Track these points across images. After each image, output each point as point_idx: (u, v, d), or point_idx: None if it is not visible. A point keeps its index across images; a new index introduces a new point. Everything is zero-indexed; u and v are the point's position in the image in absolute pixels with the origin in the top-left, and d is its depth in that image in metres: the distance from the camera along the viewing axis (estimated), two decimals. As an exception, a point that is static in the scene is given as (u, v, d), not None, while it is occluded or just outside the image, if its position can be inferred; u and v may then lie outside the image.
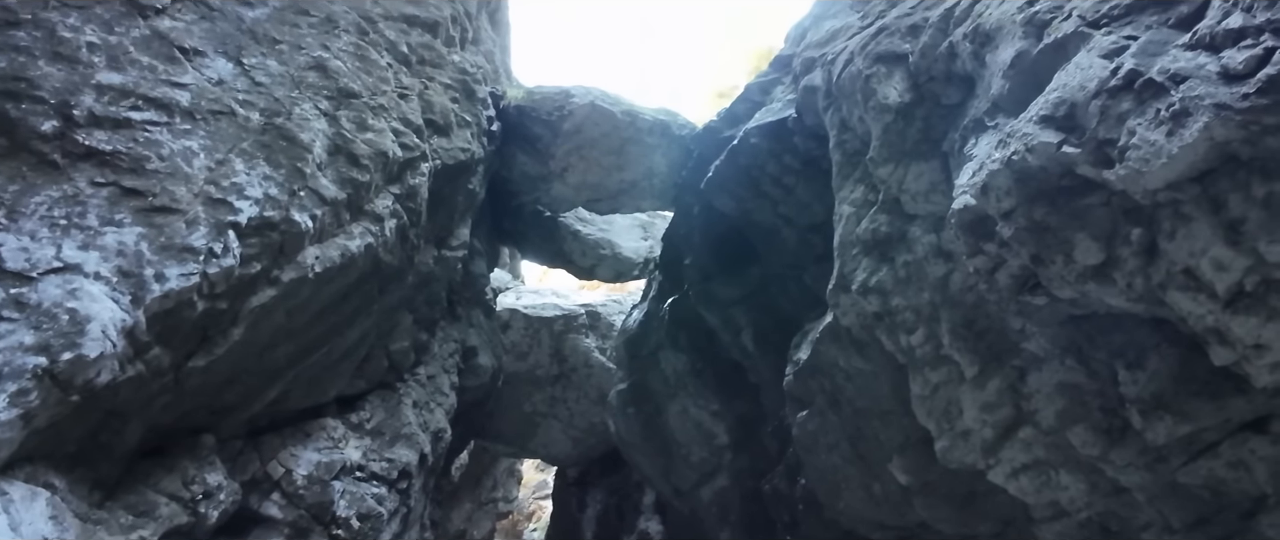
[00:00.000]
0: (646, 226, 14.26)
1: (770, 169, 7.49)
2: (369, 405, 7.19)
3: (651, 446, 11.18)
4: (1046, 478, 4.62)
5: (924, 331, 4.62)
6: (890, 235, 4.88)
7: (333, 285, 5.64)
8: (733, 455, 9.62)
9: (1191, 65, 2.93)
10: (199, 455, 5.48)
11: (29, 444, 4.08)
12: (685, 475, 10.44)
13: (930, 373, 4.68)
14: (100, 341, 4.06)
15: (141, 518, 5.00)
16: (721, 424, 9.76)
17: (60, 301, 4.02)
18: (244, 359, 5.30)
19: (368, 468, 6.68)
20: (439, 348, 8.59)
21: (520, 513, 31.93)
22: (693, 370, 10.00)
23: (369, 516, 6.43)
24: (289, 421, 6.42)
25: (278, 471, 6.07)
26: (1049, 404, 4.33)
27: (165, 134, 4.81)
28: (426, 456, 7.60)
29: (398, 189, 6.39)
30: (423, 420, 7.70)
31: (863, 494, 5.82)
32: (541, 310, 14.49)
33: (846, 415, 5.69)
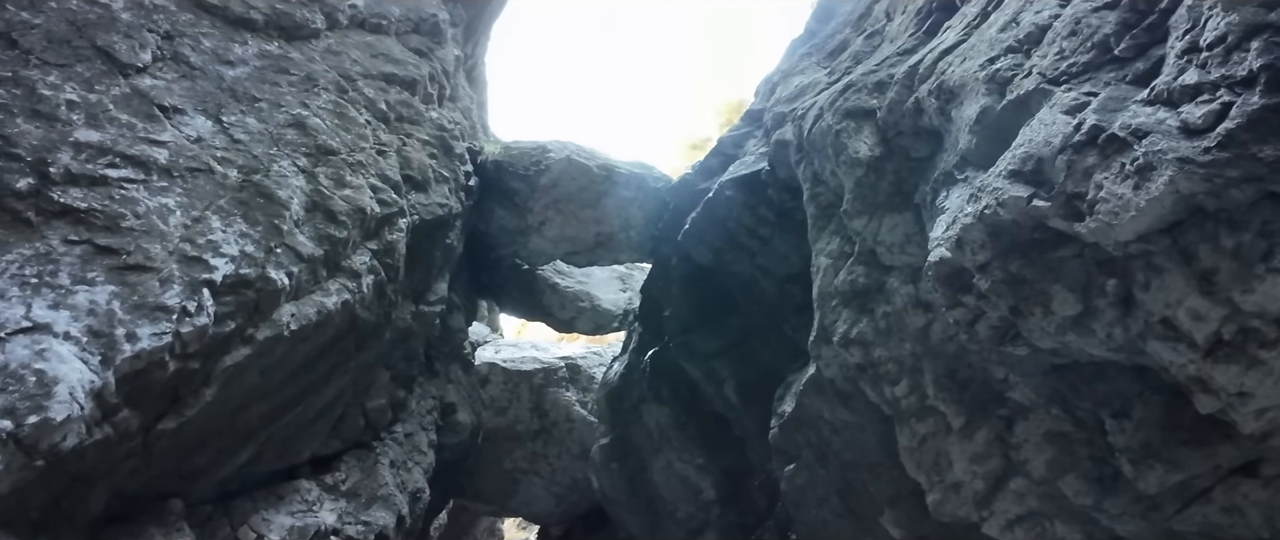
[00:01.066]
0: (625, 278, 14.30)
1: (746, 221, 7.61)
2: (344, 466, 7.01)
3: (636, 503, 10.99)
4: (1042, 529, 4.59)
5: (908, 382, 4.65)
6: (868, 287, 4.95)
7: (308, 343, 5.57)
8: (720, 510, 9.49)
9: (1152, 120, 3.05)
10: (166, 521, 5.29)
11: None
12: (672, 532, 10.25)
13: (917, 424, 4.69)
14: (67, 404, 3.95)
15: (103, 590, 4.80)
16: (707, 478, 9.65)
17: (27, 362, 3.92)
18: (216, 420, 5.18)
19: (343, 532, 6.48)
20: (417, 404, 8.45)
21: (500, 576, 30.99)
22: (676, 423, 9.92)
23: (343, 584, 6.23)
24: (261, 484, 6.23)
25: (249, 537, 5.87)
26: (1038, 453, 4.34)
27: (142, 191, 4.79)
28: (404, 518, 7.39)
29: (375, 245, 6.37)
30: (400, 480, 7.52)
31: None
32: (521, 363, 14.35)
33: (834, 468, 5.66)
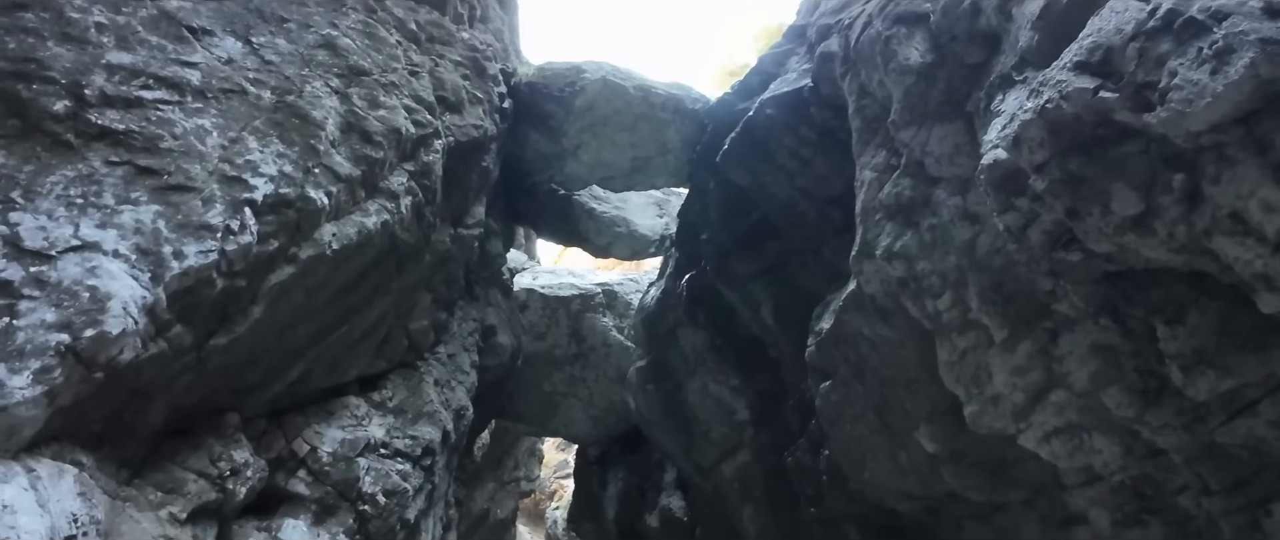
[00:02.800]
0: (662, 203, 14.14)
1: (786, 141, 7.36)
2: (391, 384, 7.18)
3: (672, 424, 11.15)
4: (1079, 441, 4.50)
5: (950, 296, 4.50)
6: (914, 199, 4.75)
7: (351, 263, 5.60)
8: (754, 431, 9.56)
9: (1233, 1, 2.79)
10: (224, 434, 5.48)
11: (54, 423, 4.08)
12: (706, 452, 10.40)
13: (958, 338, 4.56)
14: (122, 318, 4.04)
15: (170, 494, 5.02)
16: (742, 399, 9.69)
17: (80, 279, 4.00)
18: (264, 338, 5.29)
19: (392, 445, 6.67)
20: (458, 327, 8.56)
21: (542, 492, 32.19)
22: (712, 347, 9.93)
23: (395, 493, 6.43)
24: (312, 401, 6.41)
25: (303, 449, 6.07)
26: (1082, 366, 4.20)
27: (177, 113, 4.77)
28: (449, 434, 7.59)
29: (412, 166, 6.32)
30: (444, 398, 7.69)
31: (889, 464, 5.72)
32: (558, 290, 14.45)
33: (871, 385, 5.59)
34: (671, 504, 13.20)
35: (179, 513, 5.02)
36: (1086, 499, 4.81)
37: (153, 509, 4.92)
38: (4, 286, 3.86)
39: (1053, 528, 5.11)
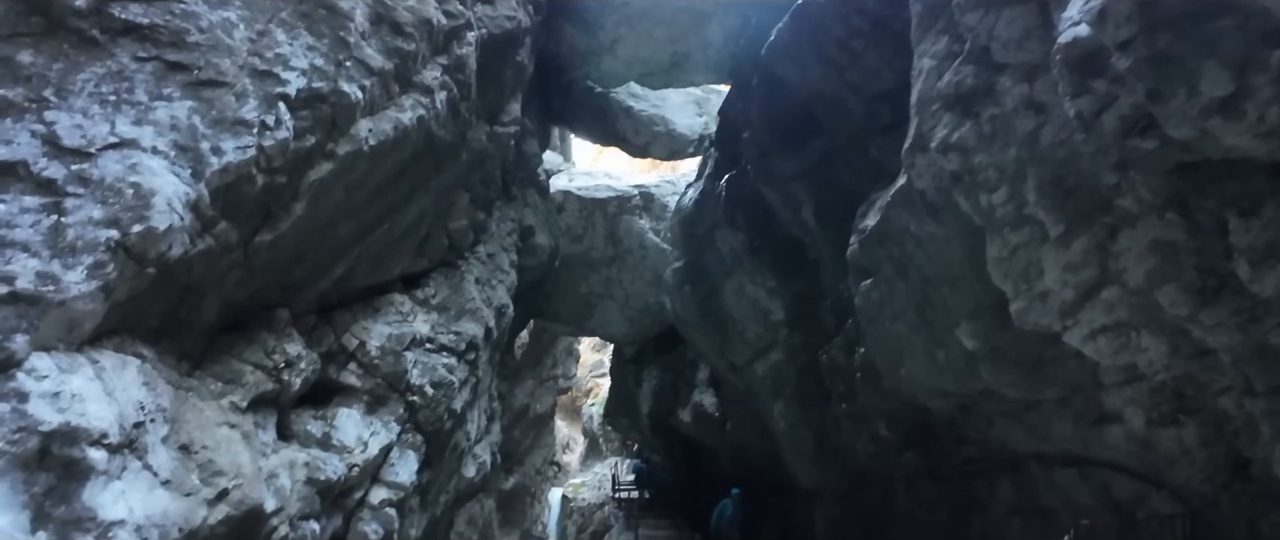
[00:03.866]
0: (701, 102, 13.68)
1: (837, 32, 6.91)
2: (433, 282, 7.24)
3: (707, 324, 11.21)
4: (1126, 340, 4.34)
5: (1007, 190, 4.26)
6: (975, 88, 4.43)
7: (388, 160, 5.52)
8: (789, 331, 9.54)
9: None
10: (276, 328, 5.61)
11: (112, 317, 4.18)
12: (740, 351, 10.47)
13: (1010, 234, 4.35)
14: (168, 214, 4.04)
15: (230, 385, 5.20)
16: (778, 301, 9.62)
17: (122, 176, 3.98)
18: (308, 236, 5.30)
19: (437, 340, 6.80)
20: (496, 227, 8.54)
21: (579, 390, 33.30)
22: (749, 248, 9.80)
23: (441, 384, 6.60)
24: (358, 298, 6.51)
25: (352, 343, 6.22)
26: (1139, 263, 3.99)
27: (201, 5, 4.58)
28: (491, 330, 7.70)
29: (445, 60, 6.10)
30: (485, 296, 7.76)
31: (925, 362, 5.65)
32: (595, 192, 14.32)
33: (913, 283, 5.44)
34: (704, 401, 13.50)
35: (239, 401, 5.21)
36: (1123, 399, 4.70)
37: (214, 398, 5.11)
38: (48, 185, 3.86)
39: (1085, 426, 5.04)
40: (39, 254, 3.78)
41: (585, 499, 22.10)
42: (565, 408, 32.02)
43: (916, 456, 7.57)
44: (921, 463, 7.57)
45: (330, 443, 5.72)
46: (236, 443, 4.83)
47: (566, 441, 33.36)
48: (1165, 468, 4.63)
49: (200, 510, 4.33)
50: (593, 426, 32.44)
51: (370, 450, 5.89)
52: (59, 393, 3.80)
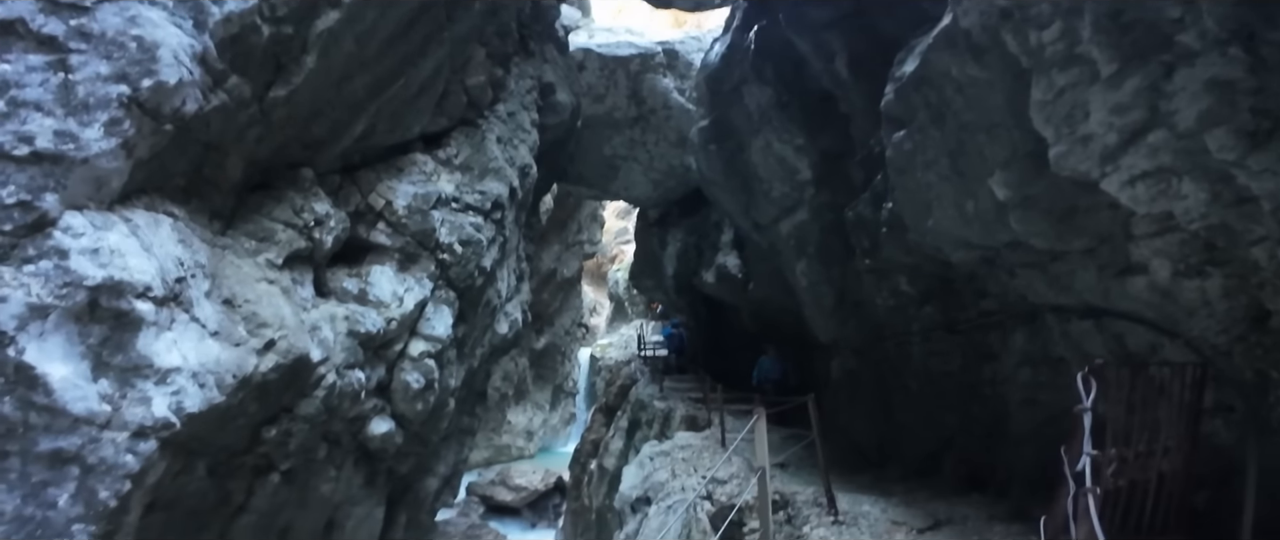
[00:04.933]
0: (726, -53, 12.73)
1: None
2: (454, 141, 7.13)
3: (733, 183, 11.02)
4: (1166, 186, 4.16)
5: (1060, 26, 3.92)
6: (1028, -86, 3.98)
7: (397, 8, 5.25)
8: (815, 190, 9.35)
9: None
10: (302, 186, 5.61)
11: (138, 176, 4.17)
12: (765, 210, 10.34)
13: (1058, 74, 4.05)
14: (175, 67, 3.91)
15: (263, 243, 5.27)
16: (805, 159, 9.36)
17: (123, 29, 3.82)
18: (323, 90, 5.16)
19: (462, 199, 6.78)
20: (515, 84, 8.27)
21: (604, 256, 33.78)
22: (778, 103, 9.41)
23: (469, 242, 6.65)
24: (380, 158, 6.45)
25: (379, 203, 6.22)
26: (1192, 103, 3.73)
27: None
28: (515, 190, 7.66)
29: (451, -103, 5.65)
30: (508, 155, 7.65)
31: (954, 212, 5.51)
32: (617, 49, 13.71)
33: (949, 130, 5.20)
34: (727, 262, 13.58)
35: (274, 259, 5.30)
36: (1152, 249, 4.58)
37: (250, 256, 5.20)
38: (50, 42, 3.72)
39: (1109, 277, 4.96)
40: (53, 113, 3.72)
41: (612, 358, 23.00)
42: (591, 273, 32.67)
43: (934, 310, 7.61)
44: (939, 316, 7.62)
45: (367, 298, 5.86)
46: (277, 297, 4.97)
47: (593, 306, 34.33)
48: (1183, 319, 4.59)
49: (251, 358, 4.53)
50: (618, 291, 33.23)
51: (406, 305, 6.04)
52: (98, 249, 3.87)
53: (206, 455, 4.53)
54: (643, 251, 19.11)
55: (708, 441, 8.62)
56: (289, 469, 5.35)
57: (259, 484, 5.21)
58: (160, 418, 3.93)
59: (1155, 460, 3.63)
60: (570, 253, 25.85)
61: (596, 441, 13.79)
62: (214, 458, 4.63)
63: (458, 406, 8.01)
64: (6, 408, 3.62)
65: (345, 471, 6.25)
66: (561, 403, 26.59)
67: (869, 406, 9.07)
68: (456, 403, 7.73)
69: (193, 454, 4.37)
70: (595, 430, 14.48)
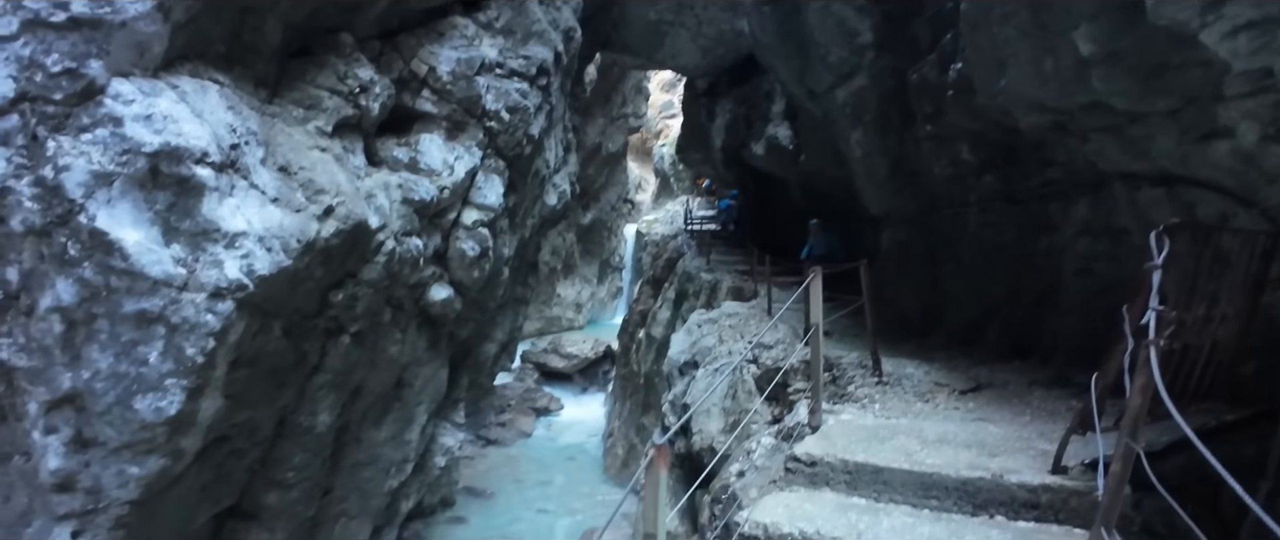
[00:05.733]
0: None
1: None
2: (495, 4, 6.82)
3: (787, 47, 10.43)
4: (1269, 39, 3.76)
5: None
6: None
7: None
8: (875, 53, 8.79)
9: None
10: (343, 52, 5.49)
11: (178, 41, 4.11)
12: (821, 77, 9.82)
13: (1164, -95, 3.59)
14: (206, -78, 3.75)
15: (311, 110, 5.25)
16: (866, 20, 8.74)
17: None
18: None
19: (506, 65, 6.58)
20: (556, -60, 7.77)
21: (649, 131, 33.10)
22: (837, -41, 8.69)
23: (516, 109, 6.52)
24: (418, 22, 6.23)
25: (422, 69, 6.09)
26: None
27: None
28: (560, 55, 7.39)
29: None
30: (551, 18, 7.32)
31: (1030, 71, 5.12)
32: (662, -98, 12.70)
33: (1031, -23, 4.75)
34: (778, 133, 13.12)
35: (324, 126, 5.29)
36: (1242, 111, 4.22)
37: (299, 124, 5.19)
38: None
39: (1190, 141, 4.62)
40: (83, -26, 3.64)
41: (658, 233, 23.09)
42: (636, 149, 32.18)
43: (995, 179, 7.31)
44: (999, 185, 7.33)
45: (418, 166, 5.87)
46: (330, 164, 5.00)
47: (638, 181, 34.10)
48: (1262, 186, 4.30)
49: (312, 224, 4.63)
50: (664, 166, 32.81)
51: (456, 173, 6.03)
52: (150, 115, 3.89)
53: (281, 317, 4.75)
54: (690, 123, 18.63)
55: (754, 310, 8.71)
56: (358, 332, 5.60)
57: (331, 345, 5.48)
58: (233, 280, 4.09)
59: (1212, 326, 3.50)
60: (615, 127, 25.42)
61: (644, 312, 14.11)
62: (288, 320, 4.86)
63: (511, 276, 8.20)
64: (88, 273, 3.81)
65: (410, 335, 6.53)
66: (608, 277, 27.13)
67: (916, 278, 8.98)
68: (510, 272, 7.90)
69: (268, 315, 4.57)
70: (643, 301, 14.78)
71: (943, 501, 3.07)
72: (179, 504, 4.57)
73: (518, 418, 15.39)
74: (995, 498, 2.99)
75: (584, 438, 14.71)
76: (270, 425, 5.25)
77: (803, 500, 3.07)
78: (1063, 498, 2.94)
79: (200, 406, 4.20)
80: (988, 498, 3.00)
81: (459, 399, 8.84)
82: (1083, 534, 2.72)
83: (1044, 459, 3.19)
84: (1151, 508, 2.86)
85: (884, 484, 3.14)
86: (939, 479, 3.11)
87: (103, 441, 3.95)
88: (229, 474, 5.03)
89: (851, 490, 3.15)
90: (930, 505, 3.06)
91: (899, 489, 3.11)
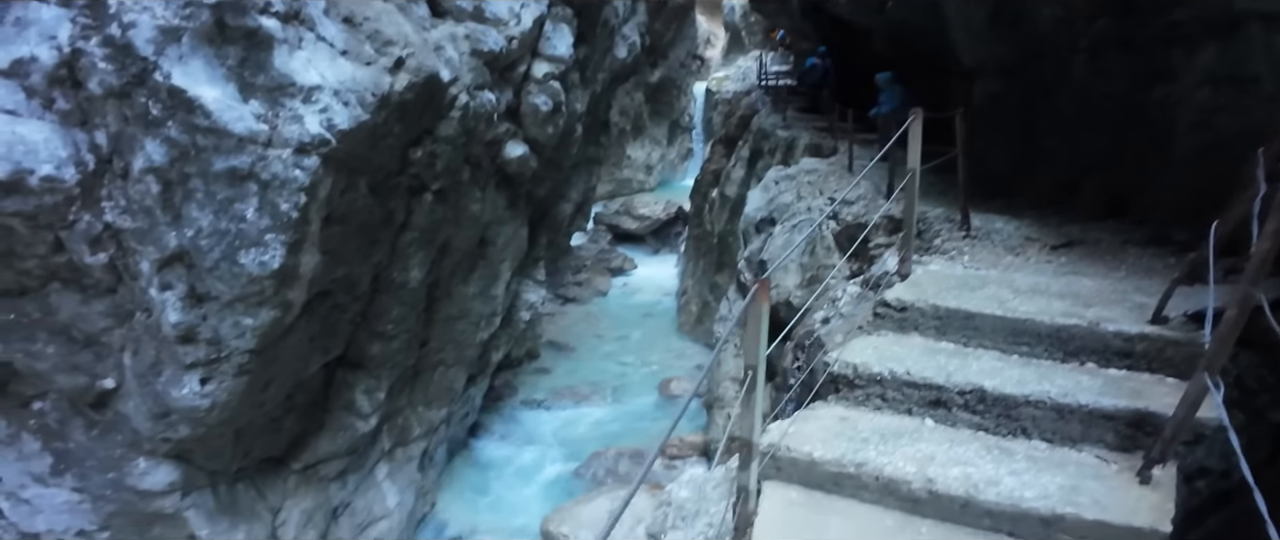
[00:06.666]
0: None
1: None
2: None
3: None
4: None
5: None
6: None
7: None
8: (981, -128, 7.77)
9: None
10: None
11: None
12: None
13: None
14: None
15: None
16: None
17: None
18: None
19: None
20: None
21: (722, -21, 30.99)
22: None
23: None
24: None
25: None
26: None
27: None
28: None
29: None
30: None
31: None
32: None
33: None
34: (861, -23, 12.04)
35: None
36: None
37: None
38: None
39: None
40: None
41: (728, 91, 22.19)
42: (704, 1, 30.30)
43: (1110, 23, 6.56)
44: (1114, 30, 6.59)
45: (483, 16, 5.69)
46: (394, 14, 4.89)
47: (707, 36, 32.41)
48: None
49: (385, 77, 4.60)
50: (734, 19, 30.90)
51: (523, 22, 5.83)
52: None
53: (365, 174, 4.87)
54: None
55: (834, 167, 8.42)
56: (440, 189, 5.73)
57: (416, 203, 5.64)
58: (315, 135, 4.15)
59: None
60: (683, -23, 23.91)
61: (717, 172, 13.87)
62: (372, 177, 4.98)
63: (584, 135, 8.11)
64: (174, 132, 3.86)
65: (489, 194, 6.65)
66: (678, 138, 26.62)
67: (1009, 133, 8.42)
68: (583, 130, 7.81)
69: (353, 172, 4.69)
70: (715, 161, 14.49)
71: (1033, 348, 3.03)
72: (292, 353, 4.93)
73: (594, 277, 15.87)
74: (1088, 345, 2.92)
75: (658, 296, 15.10)
76: (367, 281, 5.55)
77: (891, 343, 3.07)
78: (1159, 347, 2.84)
79: (300, 261, 4.41)
80: (1080, 345, 2.93)
81: (539, 258, 9.12)
82: (1175, 383, 2.65)
83: (1140, 311, 3.06)
84: (1246, 362, 2.74)
85: (974, 330, 3.09)
86: (1031, 326, 3.04)
87: (215, 296, 4.17)
88: (334, 326, 5.39)
89: (940, 335, 3.13)
90: (1020, 351, 3.02)
91: (989, 335, 3.07)
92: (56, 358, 4.40)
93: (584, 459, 8.35)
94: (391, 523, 6.61)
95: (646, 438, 8.89)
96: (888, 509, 2.37)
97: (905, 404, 2.80)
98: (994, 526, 2.27)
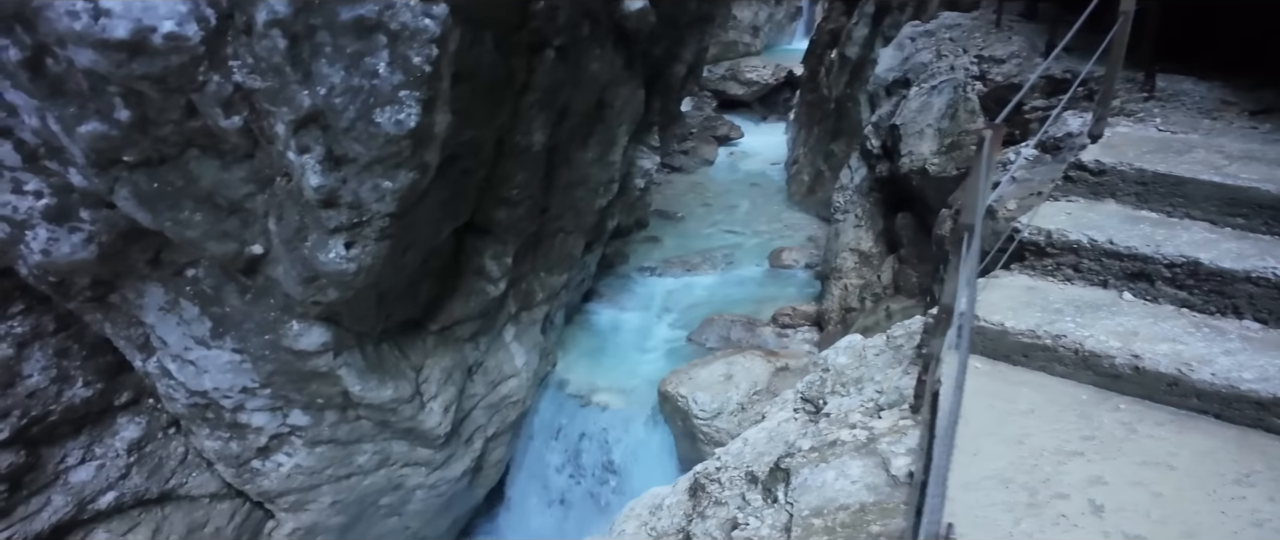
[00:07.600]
0: None
1: None
2: None
3: None
4: None
5: None
6: None
7: None
8: None
9: None
10: None
11: None
12: None
13: None
14: None
15: None
16: None
17: None
18: None
19: None
20: None
21: None
22: None
23: None
24: None
25: None
26: None
27: None
28: None
29: None
30: None
31: None
32: None
33: None
34: None
35: None
36: None
37: None
38: None
39: None
40: None
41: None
42: None
43: None
44: None
45: None
46: None
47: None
48: None
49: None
50: None
51: None
52: None
53: (489, 26, 4.69)
54: None
55: (979, 22, 7.48)
56: (561, 46, 5.50)
57: (537, 61, 5.46)
58: (441, -18, 3.93)
59: None
60: None
61: (835, 31, 12.80)
62: (496, 30, 4.80)
63: (699, -11, 7.55)
64: None
65: (607, 52, 6.37)
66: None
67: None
68: (699, -17, 7.25)
69: (478, 24, 4.51)
70: (833, 19, 13.34)
71: (1250, 220, 2.62)
72: (427, 218, 5.00)
73: (700, 145, 15.45)
74: (1314, 219, 2.50)
75: (766, 165, 14.60)
76: (491, 144, 5.52)
77: (1084, 210, 2.74)
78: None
79: (434, 120, 4.33)
80: (1304, 218, 2.52)
81: (653, 123, 8.86)
82: None
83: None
84: None
85: (1182, 197, 2.70)
86: (1251, 195, 2.62)
87: (354, 158, 4.10)
88: (463, 191, 5.44)
89: (1141, 203, 2.75)
90: (1235, 223, 2.63)
91: (1199, 203, 2.67)
92: (204, 225, 4.46)
93: (696, 326, 8.45)
94: (519, 380, 7.00)
95: (758, 306, 8.85)
96: (1081, 384, 2.20)
97: (1101, 275, 2.52)
98: (1201, 407, 2.10)
